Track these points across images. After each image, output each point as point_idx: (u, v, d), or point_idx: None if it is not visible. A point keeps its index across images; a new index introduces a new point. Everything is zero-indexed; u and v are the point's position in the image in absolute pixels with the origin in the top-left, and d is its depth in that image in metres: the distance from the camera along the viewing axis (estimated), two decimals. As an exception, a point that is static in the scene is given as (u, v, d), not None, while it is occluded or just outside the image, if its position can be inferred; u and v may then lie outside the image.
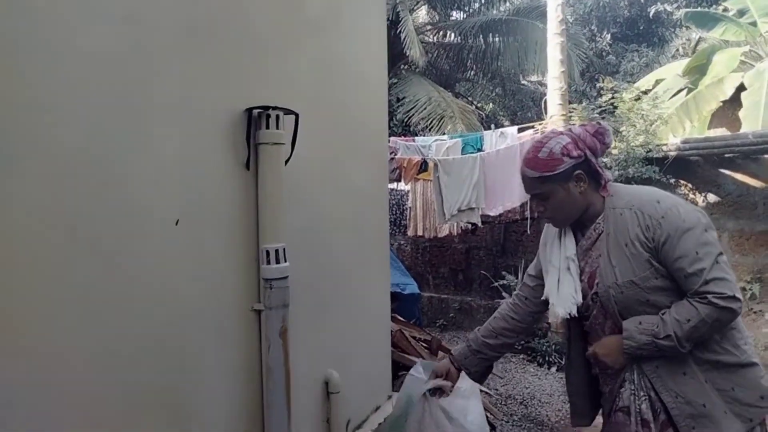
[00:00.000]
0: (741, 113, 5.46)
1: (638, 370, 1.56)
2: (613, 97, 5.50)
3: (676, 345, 1.45)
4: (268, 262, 1.48)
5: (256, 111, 1.69)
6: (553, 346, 5.47)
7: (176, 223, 1.45)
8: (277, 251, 1.48)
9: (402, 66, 11.94)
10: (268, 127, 1.71)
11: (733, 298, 1.43)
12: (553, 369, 5.25)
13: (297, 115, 1.77)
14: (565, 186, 1.59)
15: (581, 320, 1.72)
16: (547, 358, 5.36)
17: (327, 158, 2.19)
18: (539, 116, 6.50)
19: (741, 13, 7.29)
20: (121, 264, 1.28)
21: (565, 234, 1.70)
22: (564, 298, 1.63)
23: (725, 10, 7.71)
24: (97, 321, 1.22)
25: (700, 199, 5.55)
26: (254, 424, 1.61)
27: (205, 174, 1.54)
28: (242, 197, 1.69)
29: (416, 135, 8.53)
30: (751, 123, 5.28)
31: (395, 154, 5.53)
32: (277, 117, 1.73)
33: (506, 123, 11.59)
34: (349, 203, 2.37)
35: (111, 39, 1.26)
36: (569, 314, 1.63)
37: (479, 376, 1.93)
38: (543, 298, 1.75)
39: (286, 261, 1.51)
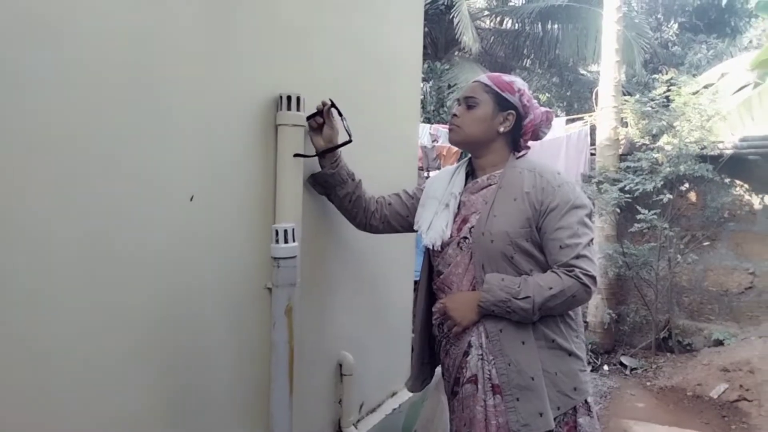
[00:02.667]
0: None
1: (485, 333, 1.56)
2: (668, 90, 5.25)
3: (530, 309, 1.48)
4: (277, 241, 1.51)
5: (279, 94, 1.72)
6: (590, 346, 5.36)
7: (191, 199, 1.50)
8: (286, 231, 1.51)
9: (455, 52, 11.79)
10: (289, 108, 1.74)
11: (594, 279, 1.52)
12: (588, 369, 5.15)
13: (333, 104, 1.80)
14: (495, 110, 1.65)
15: (434, 277, 1.74)
16: (583, 340, 5.25)
17: (350, 145, 2.21)
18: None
19: (820, 3, 6.77)
20: (135, 239, 1.34)
21: (457, 173, 1.75)
22: (434, 229, 1.65)
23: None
24: (109, 297, 1.28)
25: (757, 201, 5.25)
26: (262, 398, 1.66)
27: (224, 153, 1.59)
28: (261, 177, 1.73)
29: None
30: None
31: (437, 141, 5.49)
32: (298, 99, 1.75)
33: (562, 114, 11.26)
34: (372, 188, 2.38)
35: (136, 16, 1.30)
36: (432, 246, 1.66)
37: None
38: (414, 225, 1.79)
39: (294, 241, 1.53)
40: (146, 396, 1.39)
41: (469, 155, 1.82)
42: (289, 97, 1.73)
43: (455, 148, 5.30)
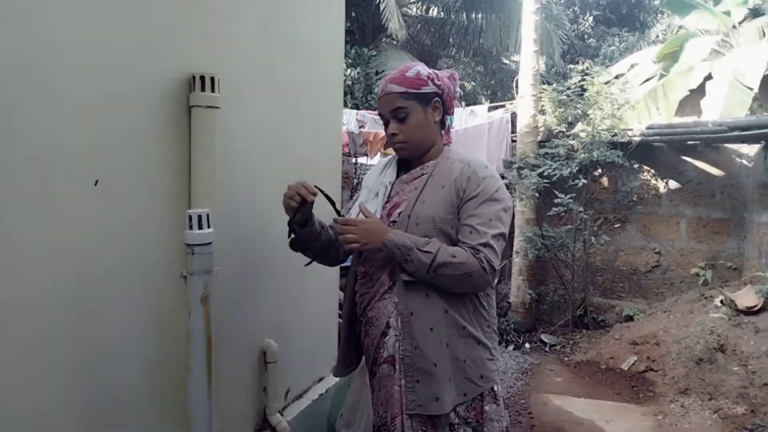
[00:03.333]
0: (702, 102, 5.52)
1: (401, 317, 1.60)
2: (583, 80, 5.51)
3: (428, 264, 1.51)
4: (191, 228, 1.46)
5: (192, 74, 1.65)
6: (512, 325, 5.58)
7: (95, 184, 1.41)
8: (200, 216, 1.45)
9: (383, 38, 11.79)
10: (203, 90, 1.67)
11: (495, 271, 1.56)
12: (510, 347, 5.36)
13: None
14: (425, 109, 1.66)
15: (361, 262, 1.75)
16: (505, 337, 5.46)
17: (270, 126, 2.16)
18: (515, 96, 6.48)
19: (716, 1, 7.31)
20: (32, 226, 1.25)
21: (390, 165, 1.78)
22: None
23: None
24: (8, 289, 1.19)
25: (662, 185, 5.63)
26: (180, 390, 1.61)
27: (132, 135, 1.50)
28: (174, 161, 1.66)
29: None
30: (710, 113, 5.36)
31: (364, 127, 5.49)
32: (212, 79, 1.69)
33: (486, 102, 11.54)
34: (294, 173, 2.34)
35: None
36: None
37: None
38: (345, 214, 1.77)
39: (210, 227, 1.48)
40: (52, 392, 1.31)
41: None
42: (202, 78, 1.66)
43: (382, 134, 5.32)
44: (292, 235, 1.71)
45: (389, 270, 1.63)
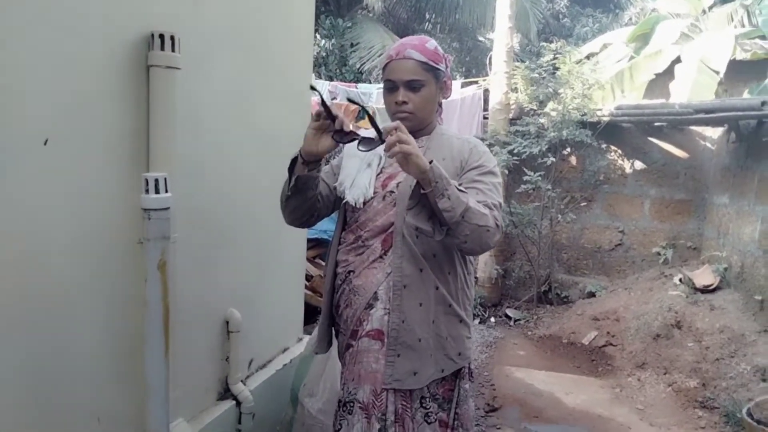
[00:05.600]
0: (671, 85, 5.61)
1: (393, 289, 1.56)
2: (555, 59, 5.52)
3: (465, 204, 1.42)
4: (147, 192, 1.41)
5: (151, 32, 1.58)
6: (478, 300, 5.66)
7: (45, 143, 1.35)
8: (157, 180, 1.40)
9: (358, 10, 11.59)
10: (162, 49, 1.61)
11: (501, 231, 1.53)
12: (476, 321, 5.45)
13: (363, 108, 1.56)
14: (437, 85, 1.64)
15: (347, 226, 1.69)
16: (471, 311, 5.53)
17: (236, 90, 2.10)
18: (489, 74, 6.45)
19: (688, -15, 7.38)
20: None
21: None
22: (357, 187, 1.62)
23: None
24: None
25: (628, 165, 5.73)
26: (135, 358, 1.58)
27: (85, 93, 1.44)
28: (131, 123, 1.59)
29: (369, 83, 8.34)
30: (678, 96, 5.44)
31: (336, 99, 5.41)
32: (172, 38, 1.62)
33: (460, 78, 11.51)
34: (259, 140, 2.29)
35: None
36: (355, 203, 1.62)
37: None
38: (335, 184, 1.68)
39: (167, 191, 1.44)
40: (3, 357, 1.27)
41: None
42: (162, 36, 1.60)
43: (353, 106, 5.25)
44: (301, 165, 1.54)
45: (383, 238, 1.60)
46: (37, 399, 1.37)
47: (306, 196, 1.60)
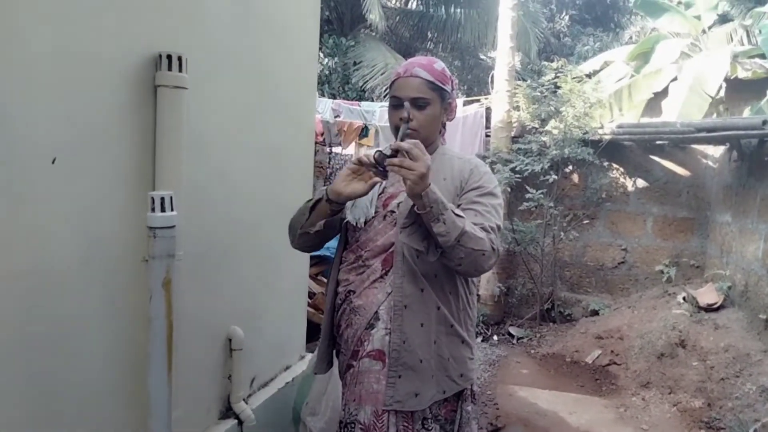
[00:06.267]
0: (663, 103, 5.65)
1: (394, 309, 1.55)
2: (557, 77, 5.56)
3: (460, 228, 1.42)
4: (153, 210, 1.42)
5: (158, 53, 1.60)
6: (481, 318, 5.63)
7: (53, 162, 1.36)
8: (162, 199, 1.42)
9: (361, 29, 11.72)
10: (170, 69, 1.63)
11: (498, 255, 1.53)
12: (479, 340, 5.42)
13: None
14: (442, 106, 1.65)
15: (348, 246, 1.68)
16: (475, 329, 5.51)
17: (241, 110, 2.12)
18: (491, 92, 6.51)
19: (687, 5, 7.46)
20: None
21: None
22: (359, 207, 1.62)
23: (679, 2, 7.88)
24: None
25: (630, 183, 5.74)
26: (137, 376, 1.58)
27: (93, 113, 1.46)
28: (138, 141, 1.61)
29: (372, 101, 8.41)
30: (669, 114, 5.49)
31: (339, 117, 5.45)
32: (180, 59, 1.65)
33: (462, 97, 11.59)
34: (263, 159, 2.31)
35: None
36: (356, 223, 1.62)
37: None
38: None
39: (173, 210, 1.45)
40: (7, 375, 1.27)
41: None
42: (169, 57, 1.62)
43: (357, 124, 5.29)
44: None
45: (383, 257, 1.59)
46: (38, 416, 1.37)
47: (326, 233, 1.64)
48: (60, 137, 1.37)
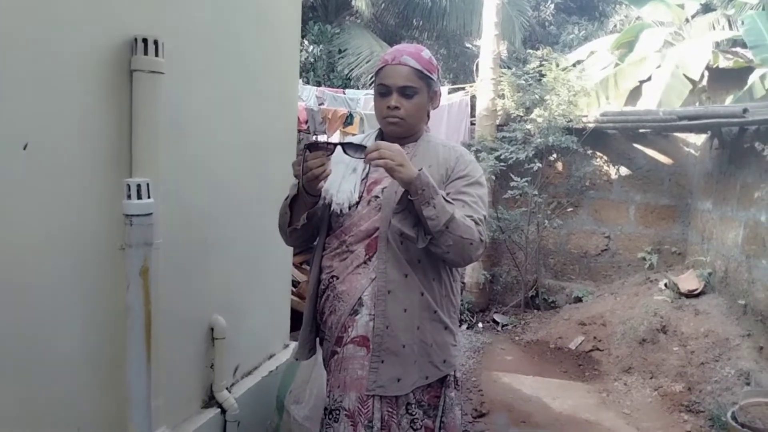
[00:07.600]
0: (644, 87, 5.70)
1: (377, 294, 1.55)
2: (541, 65, 5.56)
3: (450, 214, 1.43)
4: (129, 197, 1.39)
5: (134, 36, 1.56)
6: (466, 305, 5.66)
7: (24, 148, 1.33)
8: (139, 186, 1.39)
9: (346, 16, 11.62)
10: (146, 53, 1.59)
11: (485, 246, 1.55)
12: (464, 327, 5.45)
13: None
14: (428, 94, 1.65)
15: (331, 231, 1.67)
16: (459, 316, 5.54)
17: (221, 96, 2.09)
18: (476, 80, 6.49)
19: (671, -7, 7.48)
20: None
21: (367, 141, 1.68)
22: (343, 192, 1.61)
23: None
24: None
25: (613, 171, 5.78)
26: (116, 366, 1.55)
27: (66, 97, 1.42)
28: (114, 127, 1.58)
29: (357, 89, 8.35)
30: (649, 100, 5.52)
31: (323, 104, 5.40)
32: (156, 43, 1.61)
33: (448, 85, 11.56)
34: (244, 145, 2.28)
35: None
36: (340, 210, 1.60)
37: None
38: (323, 193, 1.62)
39: (149, 197, 1.42)
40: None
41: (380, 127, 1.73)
42: (145, 40, 1.58)
43: (341, 111, 5.26)
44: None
45: (367, 243, 1.58)
46: (14, 408, 1.34)
47: (313, 223, 1.65)
48: (32, 123, 1.33)
